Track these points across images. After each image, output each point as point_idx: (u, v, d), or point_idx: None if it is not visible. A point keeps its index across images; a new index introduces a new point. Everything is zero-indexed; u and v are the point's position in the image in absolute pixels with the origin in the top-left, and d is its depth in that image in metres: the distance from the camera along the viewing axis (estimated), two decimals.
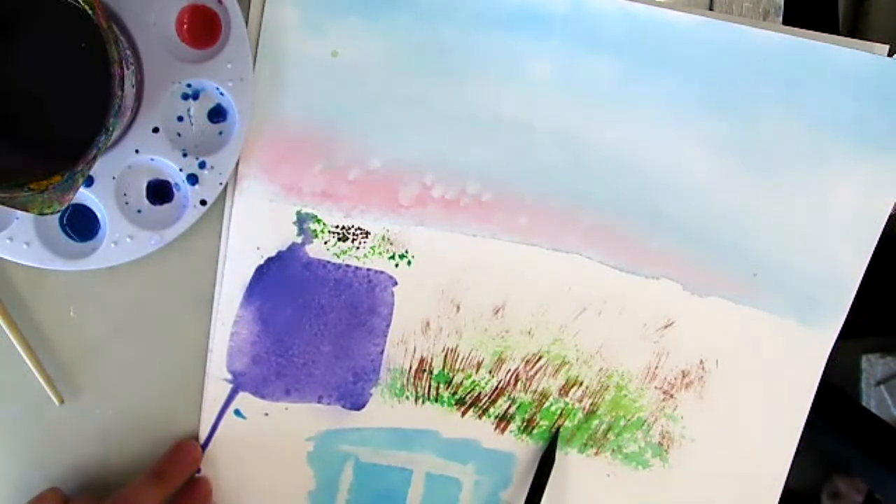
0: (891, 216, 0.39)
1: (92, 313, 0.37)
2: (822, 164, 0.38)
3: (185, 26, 0.34)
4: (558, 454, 0.40)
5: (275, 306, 0.38)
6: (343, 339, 0.38)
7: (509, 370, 0.39)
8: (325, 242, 0.37)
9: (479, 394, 0.40)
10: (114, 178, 0.34)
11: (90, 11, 0.26)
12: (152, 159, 0.34)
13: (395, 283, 0.38)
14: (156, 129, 0.34)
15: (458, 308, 0.39)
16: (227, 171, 0.35)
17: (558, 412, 0.40)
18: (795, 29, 0.37)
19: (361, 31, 0.35)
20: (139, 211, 0.35)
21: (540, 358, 0.39)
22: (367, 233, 0.37)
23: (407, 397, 0.39)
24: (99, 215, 0.35)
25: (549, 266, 0.38)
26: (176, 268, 0.37)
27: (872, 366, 0.95)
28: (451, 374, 0.39)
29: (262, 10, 0.35)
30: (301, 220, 0.37)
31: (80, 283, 0.37)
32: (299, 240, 0.37)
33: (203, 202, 0.35)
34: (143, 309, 0.37)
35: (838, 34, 0.37)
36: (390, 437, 0.40)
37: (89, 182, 0.34)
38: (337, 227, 0.37)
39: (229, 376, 0.38)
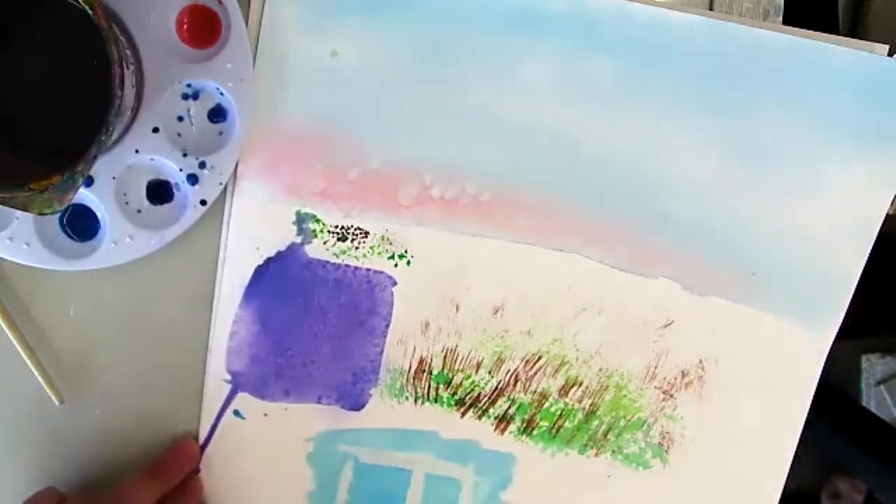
0: (888, 215, 0.39)
1: (92, 313, 0.37)
2: (821, 164, 0.38)
3: (185, 26, 0.34)
4: (558, 455, 0.40)
5: (274, 306, 0.38)
6: (342, 339, 0.38)
7: (509, 370, 0.39)
8: (325, 242, 0.37)
9: (479, 394, 0.40)
10: (114, 178, 0.34)
11: (90, 11, 0.26)
12: (152, 159, 0.34)
13: (395, 283, 0.38)
14: (156, 129, 0.34)
15: (458, 308, 0.39)
16: (227, 171, 0.35)
17: (558, 412, 0.40)
18: (795, 29, 0.37)
19: (361, 30, 0.35)
20: (139, 211, 0.35)
21: (539, 358, 0.39)
22: (367, 233, 0.37)
23: (406, 398, 0.39)
24: (99, 215, 0.35)
25: (549, 266, 0.38)
26: (176, 268, 0.37)
27: (872, 366, 0.95)
28: (450, 375, 0.39)
29: (262, 10, 0.35)
30: (300, 219, 0.37)
31: (80, 283, 0.37)
32: (299, 240, 0.37)
33: (203, 202, 0.35)
34: (143, 309, 0.37)
35: (838, 34, 0.37)
36: (390, 437, 0.40)
37: (89, 182, 0.34)
38: (336, 226, 0.37)
39: (228, 377, 0.38)
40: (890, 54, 0.37)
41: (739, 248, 0.39)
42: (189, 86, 0.34)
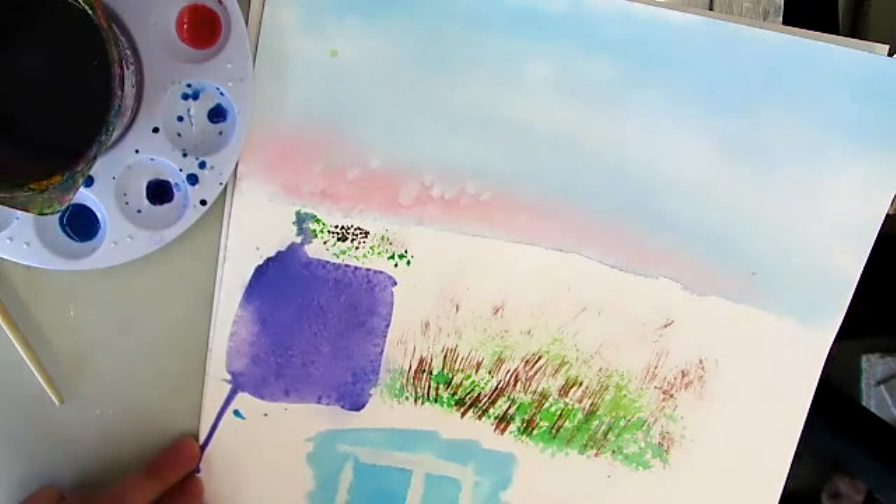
0: (888, 215, 0.39)
1: (92, 313, 0.37)
2: (821, 164, 0.38)
3: (185, 26, 0.34)
4: (558, 455, 0.40)
5: (274, 306, 0.38)
6: (342, 339, 0.38)
7: (509, 370, 0.39)
8: (325, 242, 0.37)
9: (479, 394, 0.40)
10: (114, 178, 0.34)
11: (90, 11, 0.26)
12: (152, 159, 0.34)
13: (395, 283, 0.38)
14: (156, 129, 0.34)
15: (458, 308, 0.39)
16: (227, 171, 0.35)
17: (558, 413, 0.40)
18: (795, 29, 0.37)
19: (361, 30, 0.35)
20: (139, 211, 0.35)
21: (539, 358, 0.39)
22: (367, 233, 0.37)
23: (406, 398, 0.39)
24: (99, 215, 0.35)
25: (549, 266, 0.38)
26: (176, 268, 0.37)
27: (872, 366, 0.95)
28: (450, 375, 0.39)
29: (262, 10, 0.35)
30: (300, 219, 0.37)
31: (80, 283, 0.37)
32: (299, 240, 0.37)
33: (203, 202, 0.35)
34: (143, 309, 0.37)
35: (838, 34, 0.37)
36: (390, 437, 0.40)
37: (89, 182, 0.34)
38: (336, 226, 0.37)
39: (228, 377, 0.38)
40: (890, 54, 0.37)
41: (739, 247, 0.39)
42: (189, 86, 0.34)
